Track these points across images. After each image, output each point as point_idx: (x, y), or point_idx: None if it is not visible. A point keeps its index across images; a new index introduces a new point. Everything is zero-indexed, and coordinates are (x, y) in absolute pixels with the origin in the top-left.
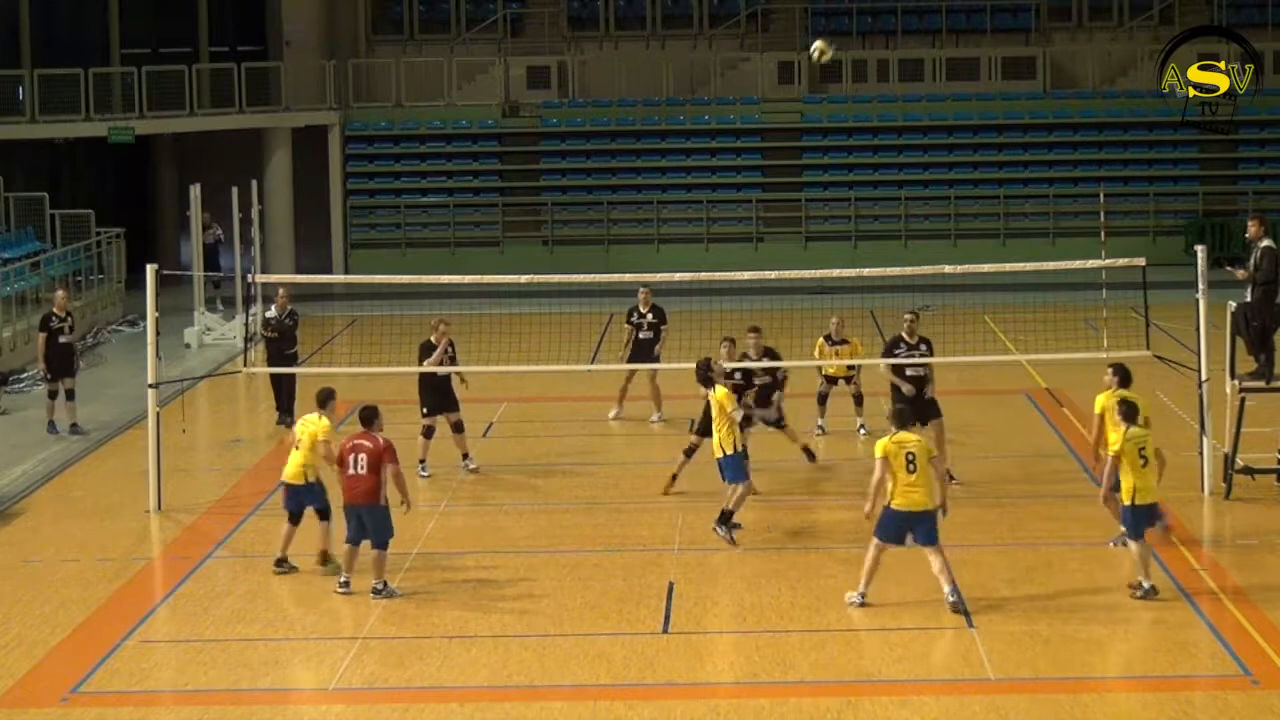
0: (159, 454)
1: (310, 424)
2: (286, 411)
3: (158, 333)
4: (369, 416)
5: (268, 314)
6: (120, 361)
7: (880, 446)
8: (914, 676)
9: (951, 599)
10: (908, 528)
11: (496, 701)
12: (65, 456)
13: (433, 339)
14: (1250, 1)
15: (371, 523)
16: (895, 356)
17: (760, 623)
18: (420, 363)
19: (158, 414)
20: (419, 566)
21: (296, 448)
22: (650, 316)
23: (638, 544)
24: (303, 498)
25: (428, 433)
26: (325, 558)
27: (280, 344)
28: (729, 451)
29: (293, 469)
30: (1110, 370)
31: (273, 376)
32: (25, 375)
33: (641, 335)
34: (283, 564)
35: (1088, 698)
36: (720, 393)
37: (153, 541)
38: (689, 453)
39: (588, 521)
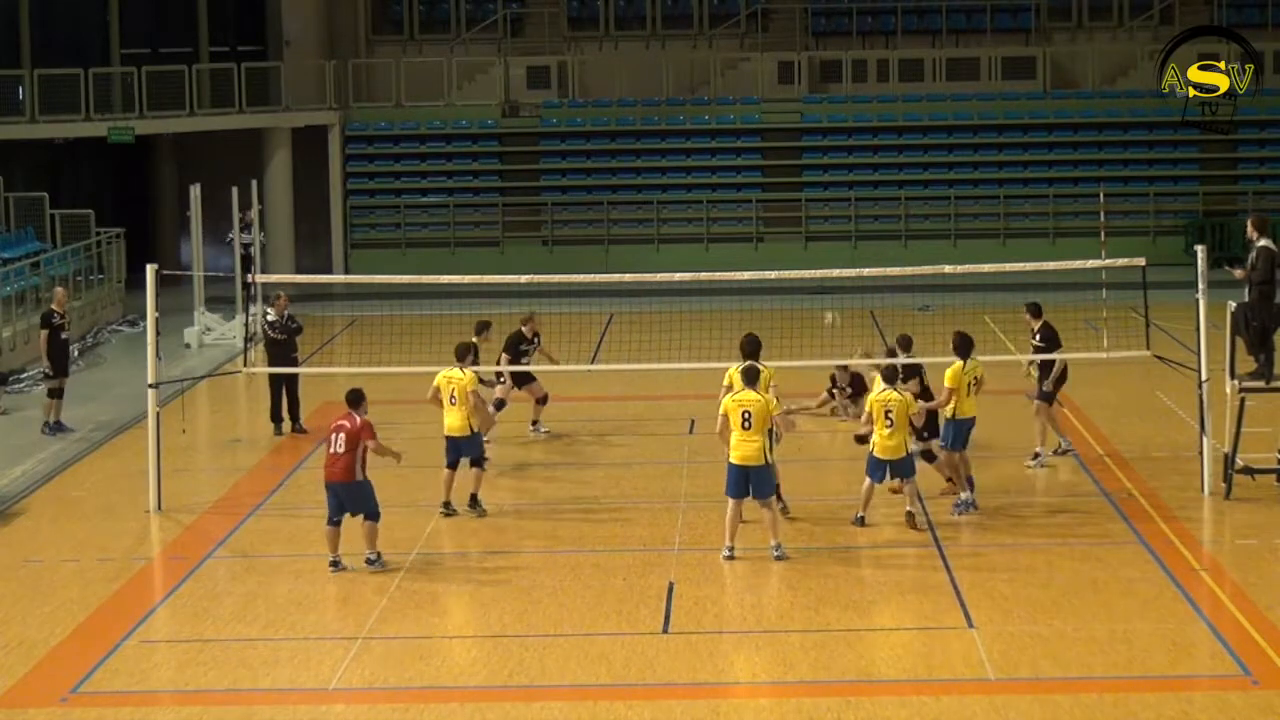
0: (159, 454)
1: (457, 379)
2: (293, 418)
3: (158, 333)
4: (355, 399)
5: (269, 317)
6: (120, 361)
7: (723, 405)
8: (914, 676)
9: (775, 553)
10: (745, 480)
11: (496, 701)
12: (65, 456)
13: (524, 330)
14: (1250, 1)
15: (351, 498)
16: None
17: (760, 623)
18: (504, 350)
19: (158, 414)
20: (419, 566)
21: (452, 402)
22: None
23: (638, 544)
24: (463, 448)
25: (498, 405)
26: (475, 500)
27: (285, 347)
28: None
29: (456, 421)
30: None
31: (273, 383)
32: (25, 375)
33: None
34: (448, 506)
35: (1088, 698)
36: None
37: (153, 541)
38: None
39: (588, 521)
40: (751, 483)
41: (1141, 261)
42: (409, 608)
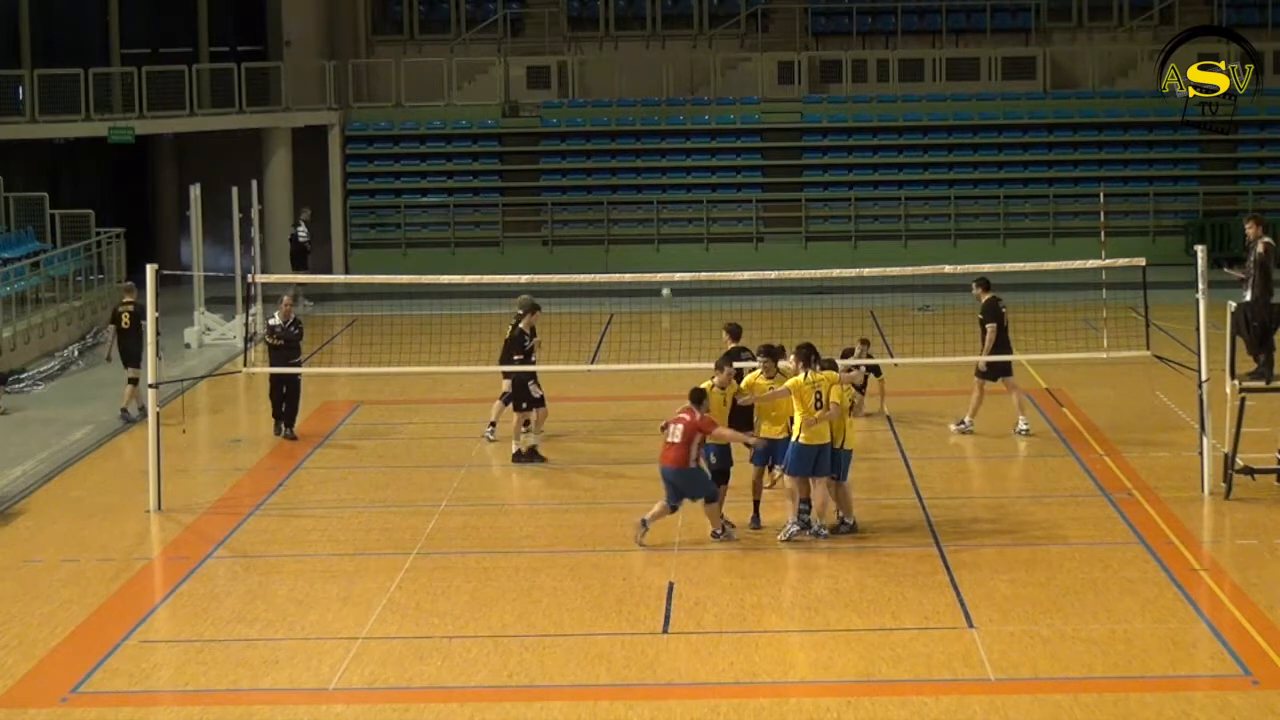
0: (159, 454)
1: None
2: (287, 423)
3: (158, 333)
4: (698, 398)
5: (271, 321)
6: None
7: (793, 382)
8: (914, 676)
9: (812, 529)
10: (813, 459)
11: (496, 701)
12: (65, 456)
13: (522, 325)
14: (1250, 1)
15: (684, 484)
16: None
17: (760, 623)
18: (508, 348)
19: (158, 414)
20: (419, 566)
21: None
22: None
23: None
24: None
25: (506, 399)
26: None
27: (285, 352)
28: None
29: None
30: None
31: (273, 387)
32: (25, 375)
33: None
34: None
35: (1088, 698)
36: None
37: (153, 541)
38: None
39: (588, 521)
40: (818, 461)
41: (1141, 261)
42: (409, 608)
